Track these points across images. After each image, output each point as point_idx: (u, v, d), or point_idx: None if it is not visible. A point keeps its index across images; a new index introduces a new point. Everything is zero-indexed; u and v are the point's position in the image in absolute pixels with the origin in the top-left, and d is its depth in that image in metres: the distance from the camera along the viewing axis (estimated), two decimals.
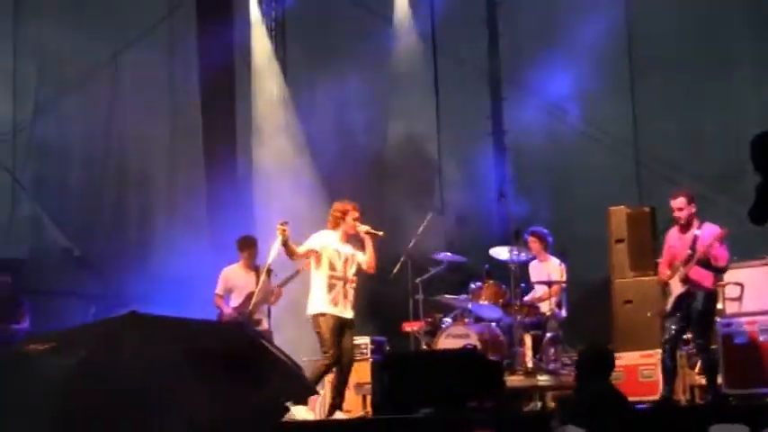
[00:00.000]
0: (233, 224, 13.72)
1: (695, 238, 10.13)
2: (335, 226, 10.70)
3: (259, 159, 15.10)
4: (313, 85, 15.26)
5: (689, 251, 10.12)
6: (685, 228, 10.28)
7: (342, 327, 10.53)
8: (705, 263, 10.05)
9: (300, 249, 10.53)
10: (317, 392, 9.62)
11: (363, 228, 10.65)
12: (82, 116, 15.72)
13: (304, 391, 4.74)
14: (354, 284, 10.70)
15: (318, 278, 10.60)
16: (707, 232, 10.15)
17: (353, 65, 14.79)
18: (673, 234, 10.50)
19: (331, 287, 10.57)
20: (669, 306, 10.24)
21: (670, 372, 10.29)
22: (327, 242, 10.64)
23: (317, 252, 10.56)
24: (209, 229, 14.89)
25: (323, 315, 10.49)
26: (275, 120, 15.20)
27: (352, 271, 10.69)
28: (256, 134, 15.20)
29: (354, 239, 10.77)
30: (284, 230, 10.22)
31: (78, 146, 15.61)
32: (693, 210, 10.29)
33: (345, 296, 10.64)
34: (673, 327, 10.22)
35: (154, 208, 15.89)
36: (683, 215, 10.27)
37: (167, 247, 14.63)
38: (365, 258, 10.66)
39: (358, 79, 14.58)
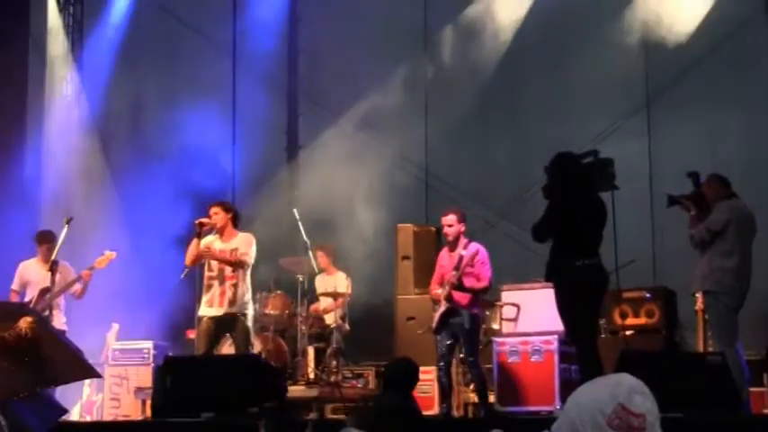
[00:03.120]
0: (18, 224, 13.39)
1: (461, 258, 10.29)
2: None
3: (50, 158, 14.76)
4: (108, 83, 15.01)
5: (454, 271, 10.29)
6: (453, 246, 10.44)
7: (218, 326, 10.58)
8: (458, 285, 10.20)
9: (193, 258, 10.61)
10: (99, 375, 9.50)
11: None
12: None
13: (87, 373, 4.73)
14: (235, 280, 10.66)
15: None
16: (470, 251, 10.33)
17: (152, 67, 14.66)
18: (443, 253, 10.64)
19: (208, 288, 10.61)
20: (435, 323, 10.40)
21: (446, 388, 10.46)
22: (209, 242, 10.71)
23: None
24: None
25: (198, 319, 10.54)
26: (68, 119, 14.89)
27: (229, 268, 10.69)
28: (48, 133, 14.88)
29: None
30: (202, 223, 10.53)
31: None
32: (462, 228, 10.43)
33: (222, 294, 10.62)
34: (442, 344, 10.39)
35: None
36: (451, 231, 10.40)
37: None
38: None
39: (155, 82, 14.44)
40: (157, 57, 15.24)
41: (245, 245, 10.66)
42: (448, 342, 10.37)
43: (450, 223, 10.44)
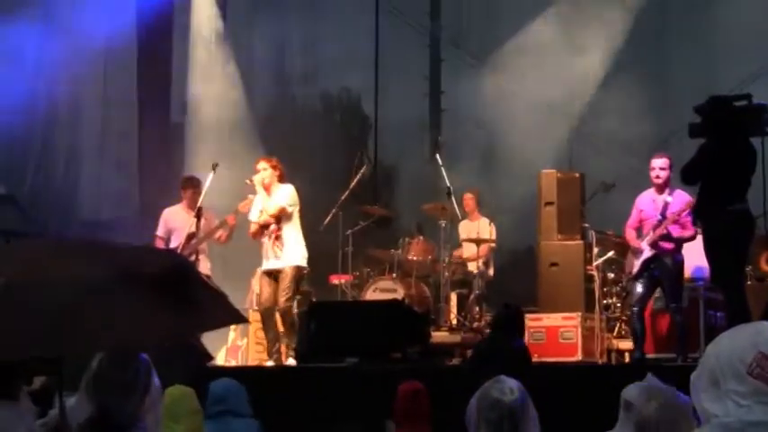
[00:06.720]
0: (164, 167, 13.68)
1: (666, 204, 10.03)
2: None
3: (194, 102, 14.94)
4: (252, 28, 15.12)
5: (659, 216, 10.02)
6: (660, 191, 10.13)
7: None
8: (666, 236, 9.94)
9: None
10: (246, 320, 9.70)
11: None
12: None
13: (234, 318, 4.80)
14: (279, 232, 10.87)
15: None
16: (678, 199, 10.04)
17: (295, 7, 14.72)
18: (645, 198, 10.30)
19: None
20: (636, 269, 10.11)
21: (639, 334, 10.07)
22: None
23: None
24: (140, 172, 14.75)
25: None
26: (212, 62, 15.02)
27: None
28: (192, 77, 15.02)
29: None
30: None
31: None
32: (671, 174, 10.09)
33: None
34: (640, 290, 10.06)
35: (84, 149, 15.57)
36: (663, 175, 10.06)
37: (96, 189, 14.49)
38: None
39: (298, 26, 14.50)
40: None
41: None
42: (648, 288, 10.07)
43: (664, 166, 10.07)
